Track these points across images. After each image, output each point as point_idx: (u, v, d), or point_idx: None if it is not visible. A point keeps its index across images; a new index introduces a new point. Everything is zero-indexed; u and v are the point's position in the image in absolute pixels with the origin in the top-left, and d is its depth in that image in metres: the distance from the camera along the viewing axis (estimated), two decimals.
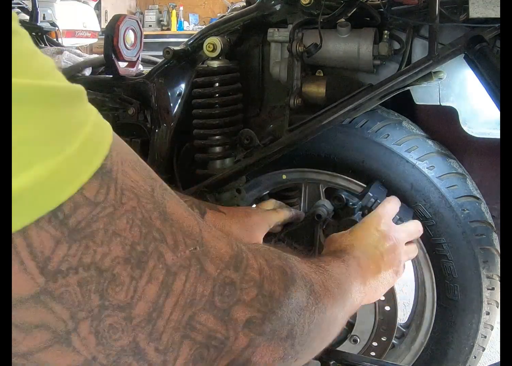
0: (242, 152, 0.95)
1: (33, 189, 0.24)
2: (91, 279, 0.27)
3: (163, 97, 1.02)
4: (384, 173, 0.92)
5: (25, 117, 0.24)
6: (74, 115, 0.27)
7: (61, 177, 0.25)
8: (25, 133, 0.24)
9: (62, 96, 0.26)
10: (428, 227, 0.92)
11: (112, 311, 0.28)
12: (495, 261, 0.94)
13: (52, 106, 0.25)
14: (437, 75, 0.83)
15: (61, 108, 0.26)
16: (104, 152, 0.28)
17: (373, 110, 0.91)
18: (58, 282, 0.26)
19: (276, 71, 0.96)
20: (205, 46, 0.93)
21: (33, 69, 0.26)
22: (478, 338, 0.96)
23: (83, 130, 0.27)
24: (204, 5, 7.15)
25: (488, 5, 0.73)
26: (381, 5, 0.88)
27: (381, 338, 0.98)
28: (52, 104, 0.26)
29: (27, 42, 0.27)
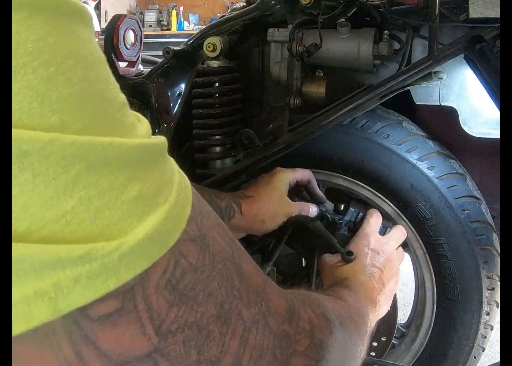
0: (242, 152, 0.95)
1: (152, 237, 0.26)
2: (192, 336, 0.30)
3: (163, 97, 1.02)
4: (384, 173, 0.92)
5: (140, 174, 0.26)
6: (167, 167, 0.29)
7: (169, 225, 0.27)
8: (138, 188, 0.26)
9: (159, 150, 0.29)
10: (428, 228, 0.92)
11: (205, 365, 0.31)
12: (495, 261, 0.94)
13: (155, 161, 0.28)
14: (437, 75, 0.83)
15: (160, 161, 0.29)
16: (190, 198, 0.31)
17: (373, 110, 0.91)
18: (168, 341, 0.28)
19: (276, 71, 0.96)
20: (205, 46, 0.93)
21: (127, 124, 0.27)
22: (478, 338, 0.96)
23: (175, 180, 0.30)
24: (204, 5, 7.15)
25: (488, 5, 0.73)
26: (381, 5, 0.88)
27: (381, 338, 0.98)
28: (155, 160, 0.28)
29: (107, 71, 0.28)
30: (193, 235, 0.30)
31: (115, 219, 0.25)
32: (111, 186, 0.25)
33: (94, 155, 0.24)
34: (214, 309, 0.31)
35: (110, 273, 0.24)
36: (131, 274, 0.25)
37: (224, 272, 0.32)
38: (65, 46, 0.24)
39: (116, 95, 0.27)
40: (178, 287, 0.28)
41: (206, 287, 0.30)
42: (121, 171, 0.25)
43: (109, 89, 0.27)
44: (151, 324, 0.27)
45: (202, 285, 0.30)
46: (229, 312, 0.32)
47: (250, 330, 0.34)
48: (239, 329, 0.33)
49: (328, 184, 0.99)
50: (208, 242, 0.31)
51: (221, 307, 0.32)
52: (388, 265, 0.80)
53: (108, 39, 1.04)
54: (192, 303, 0.29)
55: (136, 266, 0.26)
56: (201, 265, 0.30)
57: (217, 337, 0.31)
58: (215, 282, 0.31)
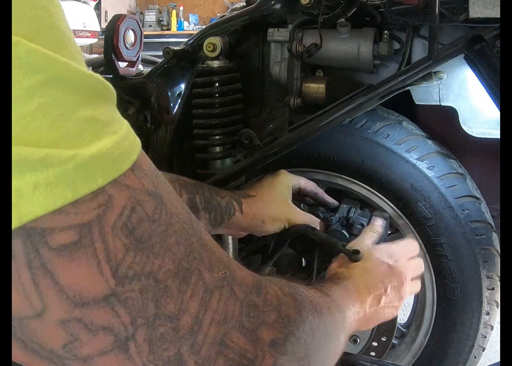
0: (242, 152, 0.95)
1: (104, 156, 0.27)
2: (149, 287, 0.30)
3: (163, 97, 1.02)
4: (384, 173, 0.92)
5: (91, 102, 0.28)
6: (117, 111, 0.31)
7: (119, 152, 0.28)
8: (91, 111, 0.28)
9: (109, 91, 0.30)
10: (428, 227, 0.92)
11: (163, 321, 0.31)
12: (495, 261, 0.94)
13: (107, 98, 0.30)
14: (437, 75, 0.83)
15: (111, 101, 0.30)
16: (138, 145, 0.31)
17: (373, 110, 0.91)
18: (125, 286, 0.29)
19: (276, 71, 0.96)
20: (205, 46, 0.93)
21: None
22: (478, 338, 0.96)
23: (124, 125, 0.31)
24: (204, 5, 7.15)
25: (488, 5, 0.73)
26: (381, 5, 0.88)
27: (381, 338, 0.98)
28: (107, 98, 0.30)
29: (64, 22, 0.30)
30: (150, 190, 0.31)
31: (70, 132, 0.26)
32: (66, 102, 0.27)
33: (53, 69, 0.26)
34: (171, 264, 0.31)
35: (66, 184, 0.26)
36: (87, 188, 0.27)
37: (183, 233, 0.33)
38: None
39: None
40: (134, 233, 0.29)
41: (163, 240, 0.31)
42: (75, 93, 0.27)
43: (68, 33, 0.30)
44: (108, 264, 0.28)
45: (159, 238, 0.30)
46: (188, 272, 0.32)
47: (213, 293, 0.34)
48: (200, 290, 0.33)
49: (328, 184, 0.99)
50: (165, 201, 0.32)
51: (179, 264, 0.32)
52: (395, 291, 0.73)
53: (108, 39, 1.04)
54: (148, 252, 0.30)
55: (91, 181, 0.27)
56: (158, 218, 0.31)
57: (175, 294, 0.31)
58: (173, 238, 0.31)
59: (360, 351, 1.00)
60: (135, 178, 0.30)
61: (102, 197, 0.28)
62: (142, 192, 0.30)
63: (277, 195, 0.87)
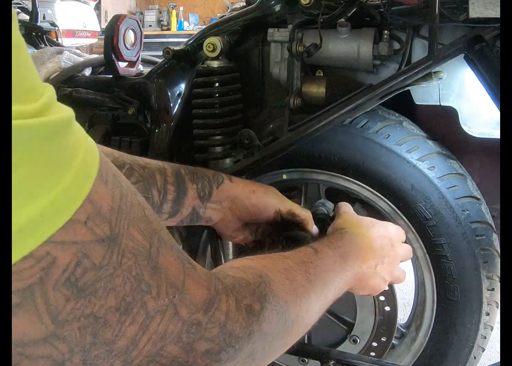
0: (242, 152, 0.95)
1: (35, 221, 0.28)
2: (88, 324, 0.33)
3: (163, 97, 1.02)
4: (384, 173, 0.92)
5: (24, 156, 0.27)
6: (68, 144, 0.31)
7: (58, 207, 0.29)
8: (24, 172, 0.27)
9: (56, 128, 0.30)
10: (428, 228, 0.92)
11: (99, 346, 0.34)
12: (495, 261, 0.94)
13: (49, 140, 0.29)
14: (437, 75, 0.83)
15: (56, 140, 0.30)
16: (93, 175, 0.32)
17: (374, 111, 0.91)
18: (64, 328, 0.32)
19: (276, 71, 0.96)
20: (205, 46, 0.93)
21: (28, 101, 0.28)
22: (478, 338, 0.96)
23: (76, 158, 0.31)
24: (204, 5, 7.15)
25: (488, 5, 0.73)
26: (381, 5, 0.87)
27: (381, 338, 0.98)
28: (49, 139, 0.29)
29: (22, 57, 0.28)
30: (102, 236, 0.32)
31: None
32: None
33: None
34: (114, 301, 0.34)
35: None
36: (19, 254, 0.28)
37: (133, 268, 0.35)
38: None
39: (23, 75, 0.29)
40: (77, 284, 0.31)
41: (108, 283, 0.33)
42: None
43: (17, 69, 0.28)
44: (48, 315, 0.30)
45: (103, 282, 0.33)
46: (131, 304, 0.35)
47: (154, 318, 0.36)
48: (140, 318, 0.35)
49: (328, 185, 0.99)
50: (120, 240, 0.34)
51: (122, 300, 0.34)
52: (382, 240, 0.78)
53: (108, 39, 1.04)
54: (90, 297, 0.32)
55: (23, 247, 0.28)
56: (106, 264, 0.33)
57: (113, 324, 0.34)
58: (120, 279, 0.34)
59: (360, 351, 1.00)
60: (85, 230, 0.31)
61: (45, 261, 0.29)
62: (92, 242, 0.32)
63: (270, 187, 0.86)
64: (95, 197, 0.32)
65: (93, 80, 1.14)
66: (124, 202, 0.35)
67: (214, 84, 0.94)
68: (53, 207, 0.29)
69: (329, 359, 0.86)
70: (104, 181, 0.33)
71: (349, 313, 1.00)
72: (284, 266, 0.57)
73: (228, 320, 0.43)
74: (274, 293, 0.50)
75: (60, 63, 1.17)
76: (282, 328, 0.51)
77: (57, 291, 0.30)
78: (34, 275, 0.29)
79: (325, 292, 0.61)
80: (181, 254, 0.41)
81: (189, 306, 0.39)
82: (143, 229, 0.36)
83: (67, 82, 1.12)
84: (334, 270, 0.65)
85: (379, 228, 0.79)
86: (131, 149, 1.02)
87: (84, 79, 1.15)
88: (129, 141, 1.03)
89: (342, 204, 0.86)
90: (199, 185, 0.78)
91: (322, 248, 0.66)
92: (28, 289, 0.29)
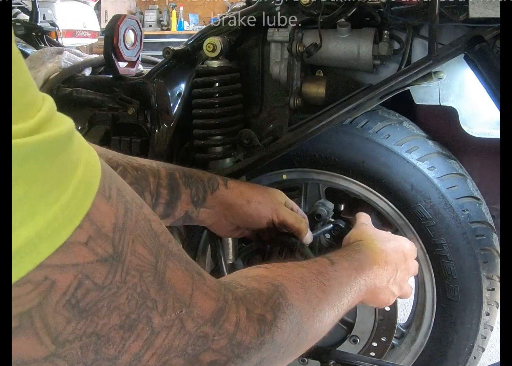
0: (242, 152, 0.95)
1: (32, 241, 0.27)
2: (90, 342, 0.32)
3: (163, 97, 1.02)
4: (384, 173, 0.92)
5: (19, 175, 0.26)
6: (67, 160, 0.30)
7: (56, 227, 0.28)
8: (20, 191, 0.26)
9: (54, 144, 0.29)
10: (429, 228, 0.92)
11: (101, 362, 0.33)
12: (495, 262, 0.94)
13: (47, 158, 0.28)
14: (437, 75, 0.83)
15: (54, 157, 0.29)
16: (94, 191, 0.31)
17: (374, 111, 0.91)
18: (65, 347, 0.31)
19: (276, 71, 0.96)
20: (205, 46, 0.93)
21: (25, 118, 0.27)
22: (478, 338, 0.96)
23: (75, 174, 0.30)
24: (204, 5, 7.15)
25: (488, 5, 0.73)
26: (381, 5, 0.87)
27: (381, 338, 0.98)
28: (47, 156, 0.28)
29: (19, 70, 0.28)
30: (104, 256, 0.31)
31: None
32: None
33: None
34: (118, 319, 0.33)
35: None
36: (15, 277, 0.27)
37: (138, 285, 0.34)
38: None
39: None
40: (78, 305, 0.30)
41: (111, 302, 0.32)
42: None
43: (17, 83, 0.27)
44: (48, 336, 0.30)
45: (106, 301, 0.32)
46: (135, 321, 0.34)
47: (159, 333, 0.36)
48: (145, 334, 0.35)
49: (328, 184, 0.99)
50: (124, 258, 0.33)
51: (127, 318, 0.33)
52: (394, 254, 0.77)
53: (108, 39, 1.04)
54: (93, 316, 0.31)
55: (19, 270, 0.27)
56: (109, 283, 0.32)
57: (117, 342, 0.33)
58: (123, 297, 0.33)
59: (360, 351, 1.00)
60: (86, 251, 0.30)
61: (43, 285, 0.28)
62: (94, 263, 0.31)
63: (268, 189, 0.85)
64: (97, 214, 0.31)
65: (93, 80, 1.14)
66: (129, 218, 0.34)
67: (214, 84, 0.94)
68: (50, 227, 0.28)
69: (329, 359, 0.86)
70: (107, 196, 0.32)
71: (349, 313, 1.00)
72: (300, 276, 0.56)
73: (238, 331, 0.42)
74: (289, 303, 0.50)
75: (60, 63, 1.17)
76: (295, 339, 0.51)
77: (57, 314, 0.30)
78: (32, 300, 0.28)
79: (339, 304, 0.61)
80: (190, 265, 0.40)
81: (196, 319, 0.39)
82: (149, 244, 0.35)
83: (67, 82, 1.12)
84: (349, 283, 0.64)
85: (394, 243, 0.79)
86: (131, 149, 1.02)
87: (84, 79, 1.15)
88: (129, 141, 1.03)
89: (362, 214, 0.86)
90: (193, 189, 0.77)
91: (339, 260, 0.66)
92: (26, 313, 0.28)
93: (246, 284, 0.49)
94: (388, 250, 0.76)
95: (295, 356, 0.54)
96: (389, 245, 0.77)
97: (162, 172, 0.75)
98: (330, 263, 0.64)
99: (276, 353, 0.48)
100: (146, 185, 0.72)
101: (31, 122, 0.27)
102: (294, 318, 0.50)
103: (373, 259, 0.72)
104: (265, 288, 0.49)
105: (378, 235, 0.79)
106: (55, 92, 1.09)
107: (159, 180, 0.74)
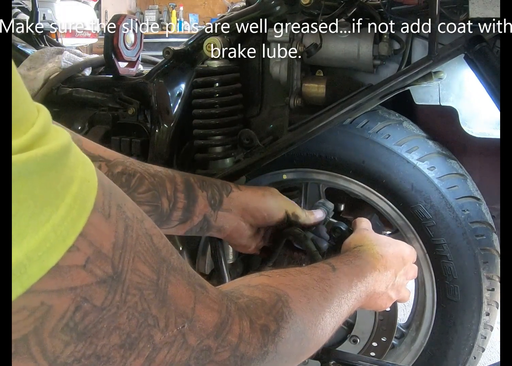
0: (242, 152, 0.95)
1: (21, 263, 0.26)
2: (90, 364, 0.31)
3: (163, 97, 1.02)
4: (384, 173, 0.92)
5: (16, 192, 0.25)
6: (60, 176, 0.28)
7: (47, 248, 0.27)
8: (15, 208, 0.25)
9: (46, 161, 0.27)
10: (429, 228, 0.92)
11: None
12: (495, 262, 0.94)
13: (38, 175, 0.27)
14: (437, 75, 0.83)
15: (46, 174, 0.27)
16: (89, 209, 0.30)
17: (374, 111, 0.91)
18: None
19: (276, 71, 0.96)
20: (205, 46, 0.93)
21: (17, 134, 0.26)
22: (478, 339, 0.96)
23: (69, 191, 0.29)
24: (204, 5, 7.15)
25: (488, 5, 0.73)
26: (381, 5, 0.87)
27: (381, 338, 0.98)
28: (38, 173, 0.27)
29: (15, 85, 0.26)
30: (103, 277, 0.30)
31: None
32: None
33: None
34: (118, 339, 0.32)
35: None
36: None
37: (139, 304, 0.33)
38: None
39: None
40: (76, 328, 0.30)
41: (111, 323, 0.31)
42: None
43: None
44: (46, 360, 0.29)
45: (106, 322, 0.31)
46: (136, 340, 0.33)
47: (161, 350, 0.35)
48: (146, 351, 0.34)
49: (328, 184, 0.99)
50: (124, 277, 0.32)
51: (127, 337, 0.33)
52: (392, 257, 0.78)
53: (108, 39, 1.04)
54: (92, 338, 0.31)
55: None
56: (108, 304, 0.31)
57: (117, 361, 0.33)
58: (124, 316, 0.32)
59: (360, 351, 1.00)
60: (84, 273, 0.29)
61: (39, 311, 0.28)
62: (92, 285, 0.30)
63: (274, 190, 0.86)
64: (94, 234, 0.30)
65: (93, 80, 1.14)
66: (129, 235, 0.33)
67: (214, 84, 0.94)
68: (41, 247, 0.26)
69: (329, 359, 0.86)
70: (106, 215, 0.31)
71: None
72: (302, 283, 0.57)
73: (241, 342, 0.42)
74: (292, 312, 0.50)
75: (60, 63, 1.17)
76: (298, 347, 0.51)
77: (54, 338, 0.29)
78: (28, 326, 0.27)
79: (339, 311, 0.61)
80: (192, 278, 0.40)
81: (199, 333, 0.38)
82: (150, 260, 0.35)
83: (67, 82, 1.12)
84: (350, 290, 0.65)
85: (394, 248, 0.79)
86: (131, 149, 1.02)
87: (84, 79, 1.15)
88: (129, 141, 1.03)
89: (362, 219, 0.86)
90: (209, 192, 0.77)
91: (340, 266, 0.66)
92: (22, 339, 0.28)
93: (249, 293, 0.48)
94: (388, 255, 0.76)
95: (297, 364, 0.54)
96: (389, 251, 0.77)
97: (178, 178, 0.76)
98: (332, 269, 0.65)
99: (279, 362, 0.48)
100: (163, 191, 0.72)
101: (23, 138, 0.26)
102: (297, 327, 0.50)
103: (373, 265, 0.72)
104: (268, 298, 0.49)
105: (378, 241, 0.79)
106: (55, 92, 1.09)
107: (175, 186, 0.74)
